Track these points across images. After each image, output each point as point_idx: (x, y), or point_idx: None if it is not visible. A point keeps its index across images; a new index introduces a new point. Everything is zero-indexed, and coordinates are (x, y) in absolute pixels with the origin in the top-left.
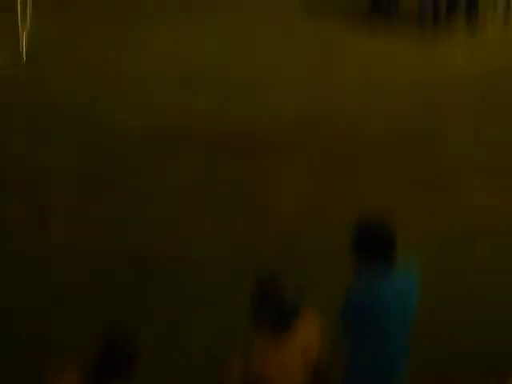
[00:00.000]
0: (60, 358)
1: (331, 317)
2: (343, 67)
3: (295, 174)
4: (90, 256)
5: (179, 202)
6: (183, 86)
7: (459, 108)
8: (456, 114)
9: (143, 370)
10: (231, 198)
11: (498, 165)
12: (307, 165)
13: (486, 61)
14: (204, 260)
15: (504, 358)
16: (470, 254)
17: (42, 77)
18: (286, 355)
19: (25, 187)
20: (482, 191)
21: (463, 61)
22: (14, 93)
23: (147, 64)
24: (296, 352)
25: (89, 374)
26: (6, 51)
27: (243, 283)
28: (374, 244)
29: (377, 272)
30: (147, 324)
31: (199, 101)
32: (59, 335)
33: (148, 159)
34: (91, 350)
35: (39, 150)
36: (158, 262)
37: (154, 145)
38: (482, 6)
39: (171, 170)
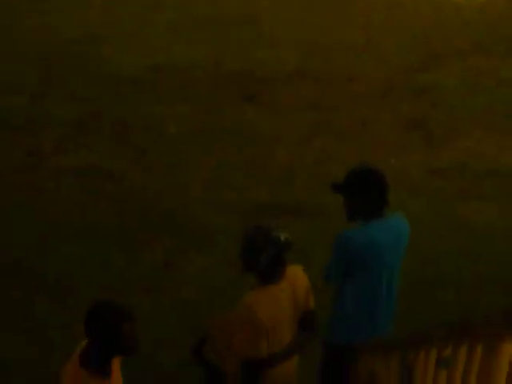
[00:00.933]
0: None
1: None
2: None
3: (295, 108)
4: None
5: (179, 144)
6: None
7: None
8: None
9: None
10: (232, 137)
11: (497, 113)
12: (307, 99)
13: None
14: (201, 202)
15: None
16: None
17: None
18: (276, 304)
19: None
20: (479, 142)
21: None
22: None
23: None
24: (285, 302)
25: (88, 356)
26: None
27: (238, 227)
28: (368, 184)
29: (371, 212)
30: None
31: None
32: None
33: (148, 98)
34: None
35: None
36: (157, 204)
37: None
38: None
39: (170, 112)
